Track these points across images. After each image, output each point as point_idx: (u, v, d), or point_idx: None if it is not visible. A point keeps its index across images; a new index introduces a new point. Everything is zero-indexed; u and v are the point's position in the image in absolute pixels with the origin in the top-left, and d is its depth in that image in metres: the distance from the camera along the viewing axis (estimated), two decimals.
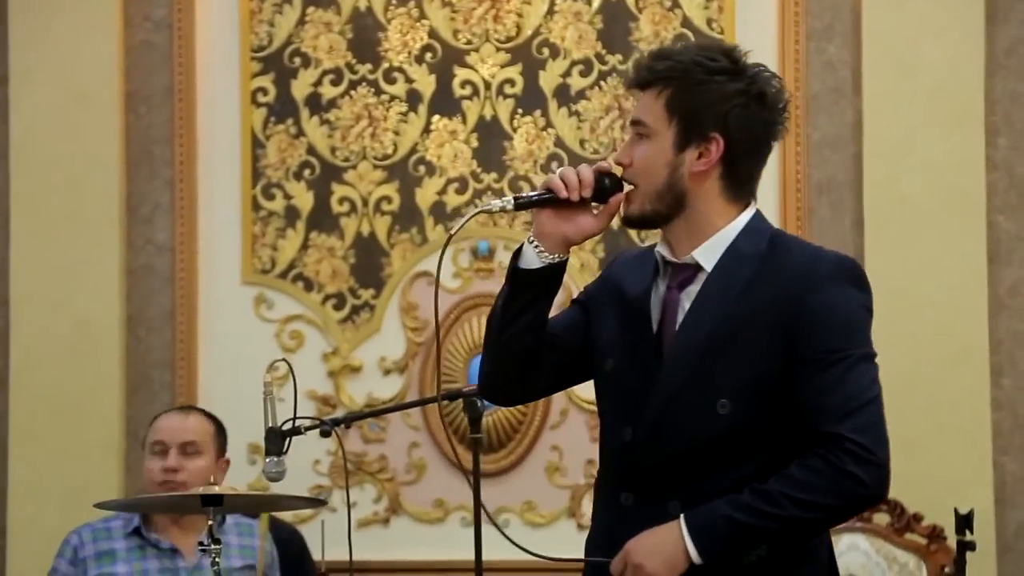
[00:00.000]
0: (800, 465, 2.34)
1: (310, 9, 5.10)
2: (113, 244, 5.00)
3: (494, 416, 4.92)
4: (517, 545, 2.55)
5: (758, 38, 4.83)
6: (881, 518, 4.66)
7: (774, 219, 4.93)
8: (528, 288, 2.47)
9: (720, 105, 2.42)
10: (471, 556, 3.38)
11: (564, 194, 2.45)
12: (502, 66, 5.06)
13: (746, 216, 2.47)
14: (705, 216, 2.44)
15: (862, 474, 2.33)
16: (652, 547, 2.34)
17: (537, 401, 4.96)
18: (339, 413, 4.90)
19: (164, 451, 3.78)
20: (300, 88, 5.09)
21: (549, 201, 2.47)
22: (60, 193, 4.99)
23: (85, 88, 4.99)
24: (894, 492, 4.65)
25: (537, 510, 5.00)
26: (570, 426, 5.00)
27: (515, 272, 2.47)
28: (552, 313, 2.55)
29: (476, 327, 5.03)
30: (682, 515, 2.34)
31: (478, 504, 3.22)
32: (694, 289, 2.45)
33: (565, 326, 2.55)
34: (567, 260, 2.48)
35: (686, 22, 5.02)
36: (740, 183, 2.47)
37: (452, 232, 2.54)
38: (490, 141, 5.05)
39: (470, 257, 5.05)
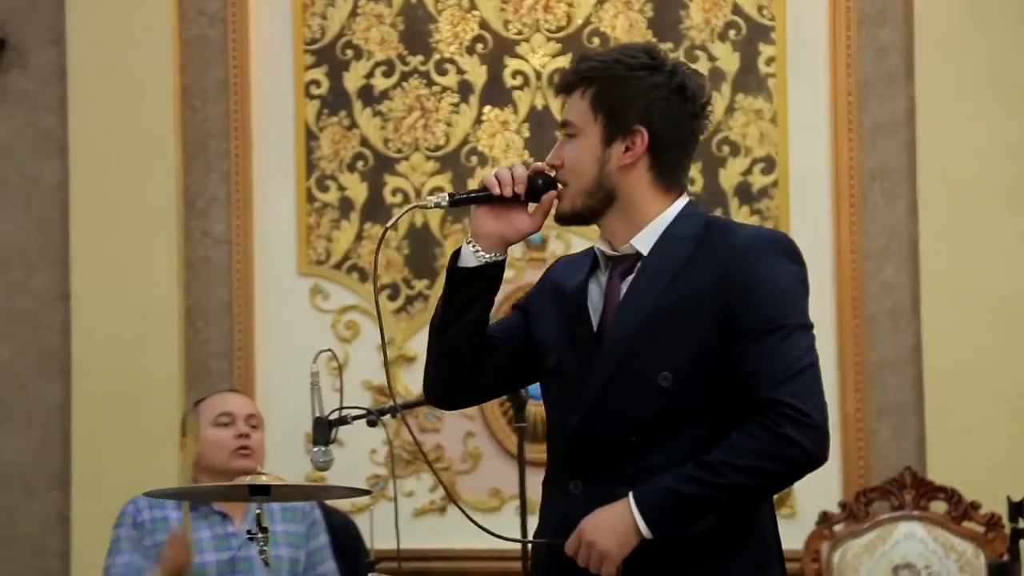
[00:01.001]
0: (739, 432, 2.38)
1: (362, 2, 5.13)
2: (170, 237, 5.06)
3: (540, 405, 4.93)
4: (476, 523, 2.58)
5: (810, 24, 4.82)
6: (938, 506, 4.64)
7: (826, 206, 4.92)
8: (466, 287, 2.52)
9: (642, 98, 2.49)
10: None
11: (497, 191, 2.51)
12: (553, 56, 5.07)
13: (679, 204, 2.52)
14: (637, 207, 2.50)
15: (799, 437, 2.36)
16: (604, 524, 2.38)
17: None
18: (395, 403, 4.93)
19: (232, 421, 3.86)
20: (353, 80, 5.12)
21: (484, 199, 2.52)
22: (118, 187, 5.05)
23: (141, 82, 5.05)
24: (952, 480, 4.69)
25: None
26: None
27: (453, 272, 2.53)
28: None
29: None
30: (631, 492, 2.39)
31: (523, 492, 3.24)
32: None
33: (506, 329, 2.60)
34: (505, 259, 2.54)
35: (736, 9, 5.00)
36: (668, 173, 2.52)
37: (387, 226, 2.71)
38: (542, 131, 5.06)
39: (522, 247, 5.07)
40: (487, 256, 2.51)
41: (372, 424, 3.23)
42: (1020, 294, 4.70)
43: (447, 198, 2.52)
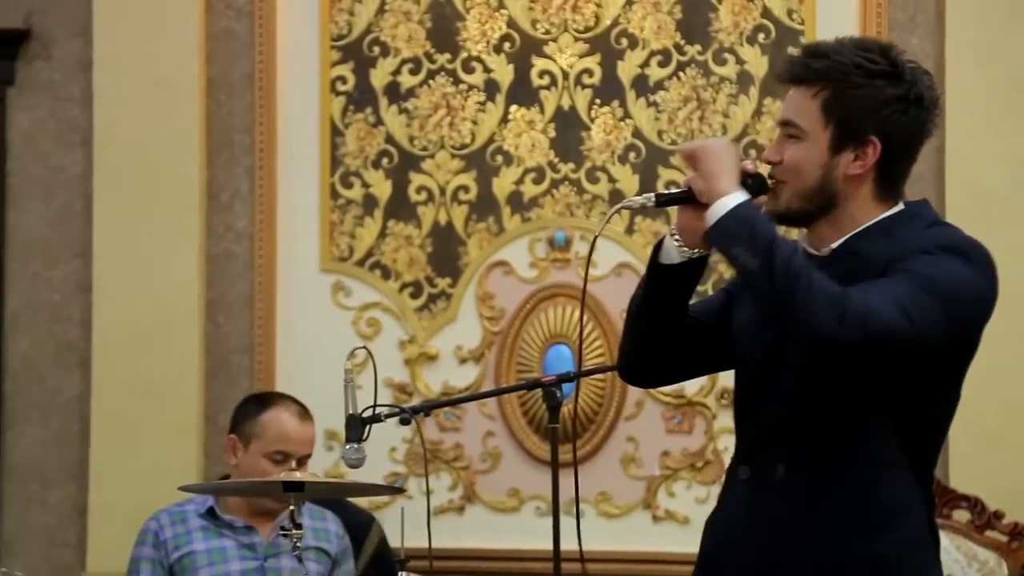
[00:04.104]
0: (834, 277, 2.33)
1: None
2: (193, 231, 5.05)
3: (569, 406, 4.93)
4: None
5: (839, 29, 4.73)
6: (961, 515, 4.62)
7: None
8: (667, 282, 2.49)
9: (880, 110, 2.40)
10: (545, 545, 3.38)
11: (704, 198, 2.43)
12: (580, 56, 5.06)
13: (892, 212, 2.46)
14: (852, 215, 2.44)
15: (848, 325, 2.28)
16: (723, 161, 2.38)
17: (613, 392, 4.98)
18: (415, 401, 4.92)
19: (284, 460, 3.74)
20: (379, 77, 5.11)
21: (690, 199, 2.46)
22: (141, 180, 5.04)
23: (167, 76, 5.04)
24: (975, 489, 4.67)
25: (612, 501, 5.00)
26: (646, 417, 5.00)
27: (654, 267, 2.49)
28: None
29: (552, 317, 5.04)
30: (740, 200, 2.37)
31: (556, 494, 3.23)
32: None
33: (707, 311, 2.56)
34: (708, 255, 2.49)
35: (766, 13, 4.99)
36: (892, 184, 2.46)
37: (597, 232, 2.66)
38: (568, 131, 5.05)
39: (547, 247, 5.06)
40: (690, 252, 2.47)
41: (405, 422, 3.21)
42: None
43: (653, 198, 2.46)
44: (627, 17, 5.04)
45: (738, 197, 2.37)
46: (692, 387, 4.96)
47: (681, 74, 5.01)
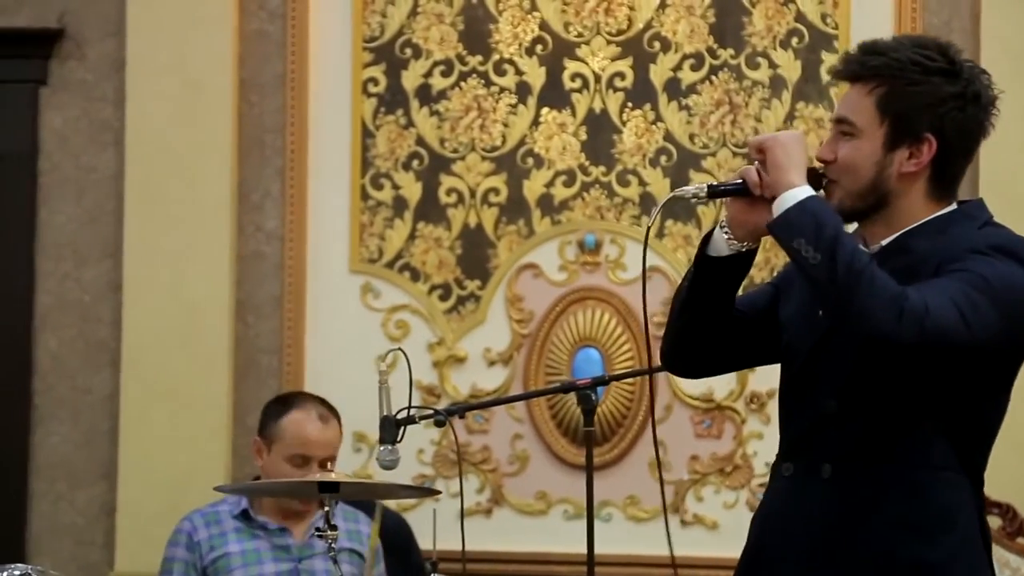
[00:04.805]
0: (887, 274, 2.32)
1: (422, 1, 5.11)
2: (224, 231, 5.05)
3: (598, 410, 4.92)
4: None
5: (873, 34, 4.70)
6: (993, 521, 4.60)
7: None
8: (714, 275, 2.47)
9: (937, 108, 2.38)
10: (572, 549, 3.39)
11: (758, 191, 2.42)
12: (612, 59, 5.05)
13: (945, 211, 2.44)
14: (905, 213, 2.42)
15: (906, 323, 2.26)
16: (793, 154, 2.37)
17: (641, 395, 4.97)
18: (444, 403, 4.92)
19: (305, 464, 3.73)
20: (411, 79, 5.11)
21: (743, 193, 2.44)
22: (173, 180, 5.05)
23: (199, 76, 5.04)
24: (1007, 496, 4.64)
25: (640, 505, 4.99)
26: (675, 421, 4.98)
27: (703, 259, 2.47)
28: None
29: (582, 320, 5.03)
30: (808, 195, 2.35)
31: (591, 496, 3.22)
32: None
33: (753, 303, 2.55)
34: (756, 249, 2.47)
35: (800, 17, 4.97)
36: (947, 183, 2.45)
37: (650, 222, 2.63)
38: (599, 134, 5.04)
39: (576, 250, 5.05)
40: (739, 245, 2.45)
41: (440, 424, 3.21)
42: None
43: (705, 189, 2.44)
44: (660, 20, 5.03)
45: (806, 190, 2.36)
46: (721, 391, 4.95)
47: (714, 78, 5.00)
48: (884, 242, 2.44)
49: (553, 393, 4.61)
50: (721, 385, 4.93)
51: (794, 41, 4.98)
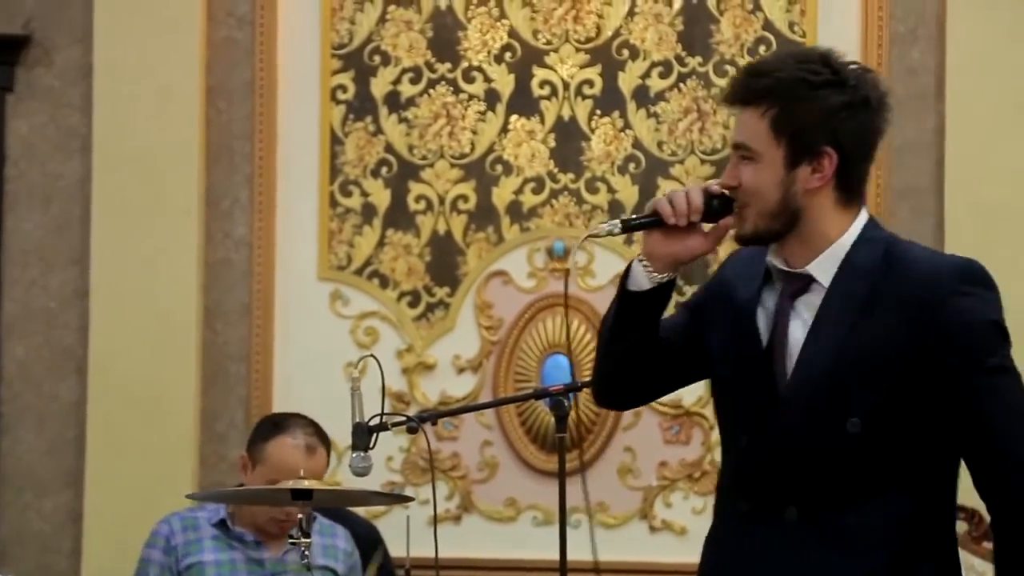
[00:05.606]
0: (1003, 540, 2.37)
1: (391, 7, 5.11)
2: (192, 238, 5.04)
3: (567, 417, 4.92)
4: None
5: (841, 42, 4.75)
6: (959, 526, 4.62)
7: None
8: (637, 308, 2.46)
9: (830, 120, 2.38)
10: (541, 555, 3.39)
11: (672, 221, 2.42)
12: (581, 67, 5.07)
13: (859, 224, 2.44)
14: (819, 229, 2.42)
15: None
16: None
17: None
18: (413, 410, 4.91)
19: None
20: (379, 86, 5.11)
21: (657, 224, 2.45)
22: (141, 186, 5.03)
23: (167, 82, 5.03)
24: (973, 500, 4.67)
25: (609, 511, 5.00)
26: (643, 427, 5.00)
27: (624, 294, 2.47)
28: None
29: (550, 327, 5.04)
30: None
31: (563, 503, 3.22)
32: (808, 299, 2.42)
33: (674, 328, 2.54)
34: (676, 278, 2.47)
35: (768, 25, 5.00)
36: (853, 189, 2.44)
37: (568, 264, 2.60)
38: (568, 141, 5.06)
39: (545, 257, 5.06)
40: (660, 277, 2.44)
41: (412, 431, 3.21)
42: None
43: (619, 225, 2.44)
44: (628, 28, 5.05)
45: None
46: (690, 398, 4.96)
47: (682, 85, 5.02)
48: (823, 281, 2.42)
49: (527, 399, 4.63)
50: (690, 391, 4.94)
51: (762, 49, 5.00)
